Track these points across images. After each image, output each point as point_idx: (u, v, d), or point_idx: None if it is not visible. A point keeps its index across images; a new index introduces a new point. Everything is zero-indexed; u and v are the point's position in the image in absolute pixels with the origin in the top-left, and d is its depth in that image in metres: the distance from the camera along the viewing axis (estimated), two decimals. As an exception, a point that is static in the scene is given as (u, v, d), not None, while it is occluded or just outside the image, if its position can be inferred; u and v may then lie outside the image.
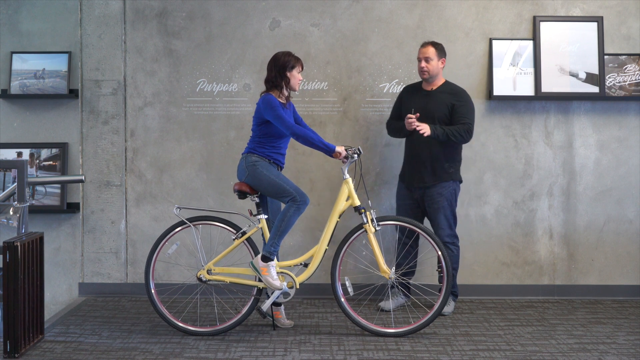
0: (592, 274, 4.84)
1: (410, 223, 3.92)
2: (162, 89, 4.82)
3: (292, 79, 3.93)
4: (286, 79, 3.91)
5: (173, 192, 4.82)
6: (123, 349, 3.63)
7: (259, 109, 3.93)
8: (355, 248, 4.43)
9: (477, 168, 4.82)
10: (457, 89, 4.35)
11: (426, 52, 4.27)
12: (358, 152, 3.91)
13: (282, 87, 3.93)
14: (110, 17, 4.80)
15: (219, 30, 4.81)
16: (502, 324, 4.12)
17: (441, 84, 4.35)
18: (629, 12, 4.82)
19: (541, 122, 4.82)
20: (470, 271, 4.82)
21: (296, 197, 3.81)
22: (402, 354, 3.54)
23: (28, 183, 3.93)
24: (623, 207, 4.84)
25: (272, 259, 3.83)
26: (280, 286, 3.81)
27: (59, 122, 4.82)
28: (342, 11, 4.81)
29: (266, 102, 3.86)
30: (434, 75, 4.30)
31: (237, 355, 3.53)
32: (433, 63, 4.26)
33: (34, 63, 4.78)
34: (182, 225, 3.94)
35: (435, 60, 4.26)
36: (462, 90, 4.35)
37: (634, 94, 4.77)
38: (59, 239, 4.82)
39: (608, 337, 3.85)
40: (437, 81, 4.35)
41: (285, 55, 3.93)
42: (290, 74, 3.91)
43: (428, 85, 4.36)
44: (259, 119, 3.94)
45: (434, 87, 4.34)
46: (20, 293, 3.47)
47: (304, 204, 3.83)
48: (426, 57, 4.26)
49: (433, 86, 4.34)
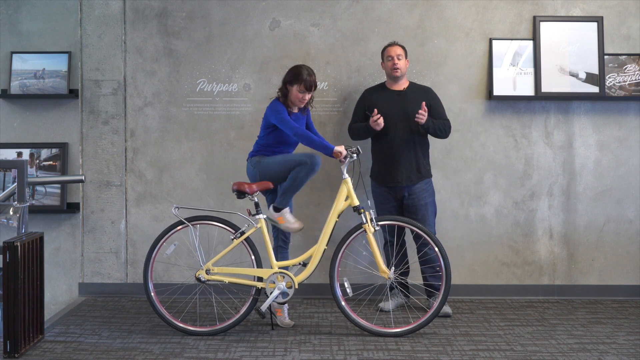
0: (592, 274, 4.84)
1: (408, 223, 3.93)
2: (162, 89, 4.82)
3: (290, 93, 4.01)
4: (284, 90, 4.01)
5: (173, 192, 4.82)
6: (123, 349, 3.63)
7: (266, 113, 4.08)
8: (354, 248, 4.42)
9: (477, 168, 4.82)
10: (425, 87, 4.48)
11: (397, 49, 4.33)
12: (357, 151, 3.92)
13: (286, 97, 4.04)
14: (110, 17, 4.80)
15: (219, 30, 4.81)
16: (502, 324, 4.12)
17: (409, 84, 4.43)
18: (629, 12, 4.81)
19: (541, 122, 4.82)
20: (470, 271, 4.82)
21: (306, 160, 3.89)
22: (402, 354, 3.54)
23: (28, 183, 3.93)
24: (623, 207, 4.83)
25: (284, 207, 3.98)
26: (300, 226, 4.01)
27: (59, 122, 4.82)
28: (342, 11, 4.81)
29: (272, 107, 4.04)
30: (403, 74, 4.36)
31: (237, 355, 3.53)
32: (402, 61, 4.33)
33: (34, 63, 4.78)
34: (180, 225, 3.94)
35: (404, 59, 4.35)
36: (430, 88, 4.48)
37: (634, 94, 4.76)
38: (59, 239, 4.82)
39: (608, 337, 3.85)
40: (404, 81, 4.42)
41: (294, 69, 4.02)
42: (290, 88, 3.99)
43: (397, 85, 4.40)
44: (267, 123, 4.07)
45: (404, 86, 4.39)
46: (20, 293, 3.47)
47: (317, 164, 3.92)
48: (397, 54, 4.31)
49: (402, 86, 4.39)
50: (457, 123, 4.78)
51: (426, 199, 4.34)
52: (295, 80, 3.96)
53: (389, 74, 4.39)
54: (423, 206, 4.32)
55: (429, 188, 4.39)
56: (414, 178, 4.31)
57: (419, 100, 4.28)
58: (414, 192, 4.32)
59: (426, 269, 4.32)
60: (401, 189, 4.33)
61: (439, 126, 4.28)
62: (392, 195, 4.37)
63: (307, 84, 3.95)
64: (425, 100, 4.28)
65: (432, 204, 4.40)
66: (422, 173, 4.35)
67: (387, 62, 4.35)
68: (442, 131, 4.30)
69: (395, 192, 4.35)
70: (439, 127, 4.28)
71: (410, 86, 4.42)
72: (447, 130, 4.34)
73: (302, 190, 4.76)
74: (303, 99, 4.01)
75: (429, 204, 4.35)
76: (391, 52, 4.34)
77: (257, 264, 3.93)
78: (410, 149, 4.31)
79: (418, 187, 4.32)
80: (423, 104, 4.18)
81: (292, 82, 3.98)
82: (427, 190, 4.36)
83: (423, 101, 4.24)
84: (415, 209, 4.31)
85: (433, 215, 4.41)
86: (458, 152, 4.81)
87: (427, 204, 4.34)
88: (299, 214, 4.75)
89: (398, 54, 4.32)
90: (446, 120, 4.36)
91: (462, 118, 4.80)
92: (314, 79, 4.00)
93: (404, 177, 4.30)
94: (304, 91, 3.96)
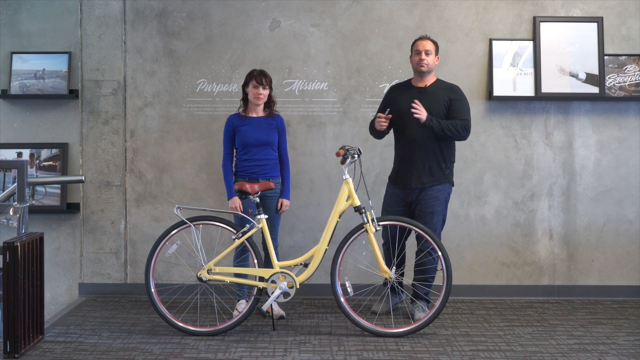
0: (592, 274, 4.84)
1: (410, 223, 3.91)
2: (162, 89, 4.82)
3: (248, 96, 4.23)
4: (244, 94, 4.27)
5: (173, 193, 4.82)
6: (123, 349, 3.63)
7: None
8: (355, 248, 4.42)
9: (477, 168, 4.82)
10: (451, 85, 4.24)
11: (426, 44, 4.12)
12: (358, 152, 3.92)
13: (246, 102, 4.29)
14: (110, 17, 4.80)
15: (219, 31, 4.81)
16: (502, 324, 4.12)
17: (434, 81, 4.22)
18: (629, 12, 4.82)
19: (541, 122, 4.82)
20: (470, 271, 4.82)
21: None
22: (402, 354, 3.54)
23: (28, 183, 3.92)
24: (623, 208, 4.84)
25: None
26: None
27: (59, 122, 4.82)
28: (342, 11, 4.81)
29: None
30: (430, 70, 4.17)
31: (237, 355, 3.53)
32: (431, 57, 4.13)
33: (34, 63, 4.78)
34: (182, 225, 3.94)
35: (433, 55, 4.14)
36: (457, 86, 4.24)
37: (633, 94, 4.77)
38: (59, 239, 4.82)
39: (608, 338, 3.85)
40: (430, 77, 4.21)
41: (248, 73, 4.25)
42: (247, 89, 4.22)
43: (421, 82, 4.19)
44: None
45: (428, 83, 4.19)
46: (20, 293, 3.47)
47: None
48: (426, 49, 4.10)
49: (427, 82, 4.19)
50: (457, 123, 4.79)
51: (435, 207, 4.10)
52: (249, 78, 4.20)
53: (415, 68, 4.17)
54: (430, 214, 4.10)
55: (441, 196, 4.13)
56: (425, 181, 4.10)
57: (441, 98, 4.11)
58: (423, 197, 4.11)
59: (419, 276, 4.19)
60: (411, 192, 4.14)
61: (447, 126, 4.00)
62: (402, 198, 4.18)
63: (257, 79, 4.15)
64: (446, 98, 4.10)
65: (442, 213, 4.15)
66: (435, 177, 4.11)
67: (415, 56, 4.14)
68: (451, 131, 4.00)
69: (406, 195, 4.16)
70: (447, 127, 3.99)
71: (434, 83, 4.19)
72: (460, 131, 4.03)
73: (302, 191, 4.79)
74: (258, 95, 4.16)
75: (436, 213, 4.11)
76: (419, 47, 4.12)
77: (259, 264, 3.93)
78: (428, 149, 4.09)
79: (429, 193, 4.10)
80: (415, 101, 3.99)
81: (247, 83, 4.20)
82: (438, 198, 4.11)
83: (440, 100, 4.09)
84: (422, 215, 4.10)
85: (440, 225, 4.19)
86: (458, 152, 4.77)
87: (435, 213, 4.11)
88: (299, 214, 4.77)
89: (427, 49, 4.10)
90: (461, 120, 4.05)
91: (462, 118, 4.80)
92: (266, 74, 4.18)
93: (415, 179, 4.11)
94: (257, 85, 4.14)
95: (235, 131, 4.22)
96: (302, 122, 4.80)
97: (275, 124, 4.25)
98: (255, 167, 4.18)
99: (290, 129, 4.76)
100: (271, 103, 4.28)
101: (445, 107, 4.12)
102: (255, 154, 4.19)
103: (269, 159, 4.21)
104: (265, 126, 4.22)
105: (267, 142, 4.20)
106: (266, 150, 4.20)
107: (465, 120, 4.09)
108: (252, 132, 4.18)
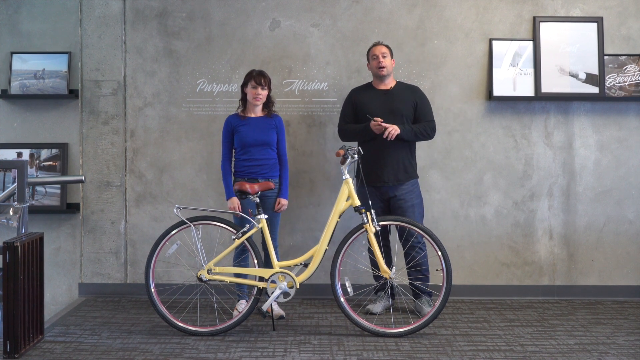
0: (592, 274, 4.84)
1: (410, 223, 3.92)
2: (162, 89, 4.82)
3: (247, 96, 4.26)
4: (242, 95, 4.30)
5: (173, 193, 4.82)
6: (123, 349, 3.63)
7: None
8: (355, 248, 4.42)
9: (477, 168, 4.82)
10: (412, 86, 4.44)
11: (382, 49, 4.30)
12: (358, 152, 3.93)
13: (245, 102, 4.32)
14: (110, 17, 4.80)
15: (219, 31, 4.81)
16: (502, 324, 4.12)
17: (396, 83, 4.39)
18: (629, 12, 4.82)
19: (541, 122, 4.82)
20: (470, 271, 4.82)
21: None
22: (402, 354, 3.54)
23: (28, 183, 3.92)
24: (623, 208, 4.84)
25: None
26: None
27: (59, 122, 4.82)
28: (342, 11, 4.81)
29: None
30: (389, 72, 4.33)
31: (237, 355, 3.53)
32: (388, 60, 4.30)
33: (34, 63, 4.78)
34: (182, 225, 3.94)
35: (389, 58, 4.31)
36: (418, 87, 4.44)
37: (633, 94, 4.77)
38: (59, 239, 4.82)
39: (608, 338, 3.85)
40: (391, 80, 4.38)
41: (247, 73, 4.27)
42: (246, 90, 4.25)
43: (383, 85, 4.36)
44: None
45: (391, 85, 4.36)
46: (20, 293, 3.47)
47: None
48: (382, 52, 4.29)
49: (389, 85, 4.36)
50: (457, 123, 4.79)
51: (413, 200, 4.28)
52: (248, 78, 4.22)
53: (375, 73, 4.34)
54: (410, 207, 4.25)
55: (416, 189, 4.33)
56: (401, 178, 4.25)
57: (407, 99, 4.29)
58: (401, 193, 4.26)
59: (413, 271, 4.26)
60: (387, 189, 4.28)
61: (419, 130, 4.22)
62: (378, 196, 4.29)
63: (256, 79, 4.17)
64: (412, 100, 4.28)
65: (420, 205, 4.33)
66: (409, 173, 4.28)
67: (373, 61, 4.32)
68: (423, 135, 4.25)
69: (382, 193, 4.28)
70: (419, 131, 4.22)
71: (397, 85, 4.37)
72: (429, 133, 4.28)
73: (302, 191, 4.78)
74: (257, 95, 4.18)
75: (416, 206, 4.29)
76: (376, 51, 4.30)
77: (259, 264, 3.93)
78: (398, 148, 4.24)
79: (405, 187, 4.27)
80: (376, 118, 4.11)
81: (246, 83, 4.23)
82: (413, 191, 4.30)
83: (408, 102, 4.26)
84: (402, 210, 4.24)
85: (421, 217, 4.35)
86: (458, 152, 4.81)
87: (415, 206, 4.28)
88: (299, 214, 4.77)
89: (383, 52, 4.28)
90: (428, 122, 4.28)
91: (462, 118, 4.80)
92: (265, 75, 4.21)
93: (391, 177, 4.25)
94: (256, 86, 4.17)
95: (234, 131, 4.23)
96: (302, 122, 4.81)
97: (274, 123, 4.25)
98: (254, 167, 4.18)
99: (290, 129, 4.77)
100: (270, 103, 4.29)
101: (412, 107, 4.30)
102: (254, 154, 4.19)
103: (268, 158, 4.21)
104: (263, 126, 4.23)
105: (266, 142, 4.20)
106: (265, 150, 4.21)
107: (432, 121, 4.33)
108: (251, 132, 4.19)
